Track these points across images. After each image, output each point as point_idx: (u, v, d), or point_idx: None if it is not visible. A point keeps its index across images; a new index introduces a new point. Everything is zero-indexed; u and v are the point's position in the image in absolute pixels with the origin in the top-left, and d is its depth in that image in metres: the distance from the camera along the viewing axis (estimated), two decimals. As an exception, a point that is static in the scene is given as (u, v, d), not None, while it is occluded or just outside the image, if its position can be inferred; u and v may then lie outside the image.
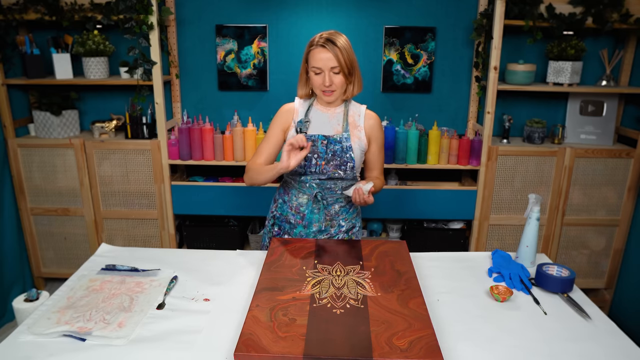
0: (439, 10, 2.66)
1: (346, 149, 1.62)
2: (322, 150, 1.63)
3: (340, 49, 1.54)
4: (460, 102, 2.80)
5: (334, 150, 1.62)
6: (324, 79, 1.56)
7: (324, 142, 1.63)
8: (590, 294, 2.75)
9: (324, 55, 1.54)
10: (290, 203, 1.72)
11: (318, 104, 1.69)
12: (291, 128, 1.67)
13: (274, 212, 1.79)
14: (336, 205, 1.71)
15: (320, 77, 1.57)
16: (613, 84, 2.61)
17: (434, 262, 1.53)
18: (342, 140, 1.63)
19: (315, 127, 1.66)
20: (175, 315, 1.22)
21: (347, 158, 1.63)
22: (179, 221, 2.88)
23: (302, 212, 1.70)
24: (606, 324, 1.21)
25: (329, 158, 1.63)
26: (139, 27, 2.38)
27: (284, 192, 1.76)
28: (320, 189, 1.67)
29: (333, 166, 1.63)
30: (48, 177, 2.67)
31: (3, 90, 2.55)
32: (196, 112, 2.86)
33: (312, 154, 1.63)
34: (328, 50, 1.53)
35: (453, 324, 1.19)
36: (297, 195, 1.70)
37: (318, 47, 1.54)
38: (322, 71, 1.56)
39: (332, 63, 1.54)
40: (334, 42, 1.54)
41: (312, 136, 1.62)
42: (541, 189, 2.62)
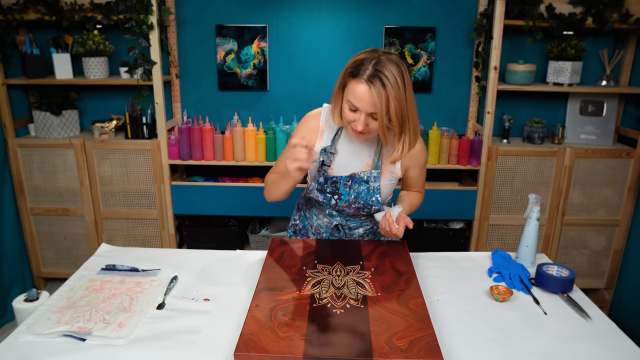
0: (439, 10, 2.66)
1: (373, 191, 1.42)
2: (345, 192, 1.43)
3: (389, 95, 1.20)
4: (460, 102, 2.80)
5: (358, 191, 1.42)
6: (359, 122, 1.27)
7: (347, 184, 1.42)
8: (590, 294, 2.74)
9: (365, 98, 1.22)
10: (311, 221, 1.59)
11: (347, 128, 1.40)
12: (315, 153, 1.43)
13: (297, 221, 1.66)
14: (360, 229, 1.56)
15: (354, 115, 1.28)
16: (613, 84, 2.61)
17: (434, 262, 1.53)
18: (369, 179, 1.41)
19: (342, 159, 1.43)
20: (175, 315, 1.22)
21: (372, 202, 1.43)
22: (179, 221, 2.88)
23: (321, 233, 1.58)
24: (606, 324, 1.21)
25: (351, 200, 1.43)
26: (139, 27, 2.38)
27: (305, 206, 1.61)
28: (342, 217, 1.53)
29: (354, 209, 1.46)
30: (48, 177, 2.67)
31: (3, 90, 2.55)
32: (196, 112, 2.86)
33: (331, 194, 1.44)
34: (371, 92, 1.21)
35: (453, 324, 1.19)
36: (318, 215, 1.56)
37: (362, 81, 1.22)
38: (359, 110, 1.26)
39: (371, 108, 1.23)
40: (383, 80, 1.20)
41: (335, 177, 1.42)
42: (541, 189, 2.62)
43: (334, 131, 1.45)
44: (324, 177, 1.45)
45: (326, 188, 1.46)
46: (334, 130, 1.45)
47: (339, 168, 1.46)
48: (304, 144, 1.24)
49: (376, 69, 1.21)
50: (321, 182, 1.46)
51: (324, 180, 1.45)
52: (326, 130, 1.45)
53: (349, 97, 1.27)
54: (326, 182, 1.45)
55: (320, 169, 1.45)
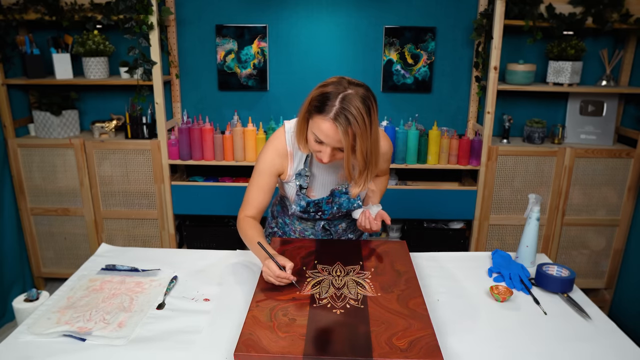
0: (439, 10, 2.66)
1: (353, 199, 1.47)
2: (327, 208, 1.48)
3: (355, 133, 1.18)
4: (460, 102, 2.80)
5: (339, 203, 1.47)
6: (324, 153, 1.26)
7: (328, 201, 1.46)
8: (590, 294, 2.75)
9: (331, 133, 1.20)
10: (293, 226, 1.60)
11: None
12: (290, 176, 1.43)
13: (274, 228, 1.67)
14: (343, 224, 1.60)
15: (320, 147, 1.26)
16: (613, 84, 2.60)
17: (434, 262, 1.53)
18: (347, 190, 1.45)
19: (318, 179, 1.44)
20: (175, 315, 1.22)
21: (354, 207, 1.48)
22: (179, 221, 2.88)
23: (307, 236, 1.60)
24: (606, 324, 1.21)
25: (334, 212, 1.49)
26: (139, 27, 2.38)
27: (283, 213, 1.61)
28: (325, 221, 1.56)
29: (339, 217, 1.54)
30: (48, 177, 2.66)
31: (3, 90, 2.55)
32: (196, 112, 2.86)
33: (315, 212, 1.47)
34: (337, 131, 1.19)
35: (453, 324, 1.19)
36: (300, 220, 1.58)
37: (327, 119, 1.18)
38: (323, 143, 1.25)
39: (337, 144, 1.22)
40: (349, 119, 1.17)
41: (316, 200, 1.45)
42: (541, 189, 2.62)
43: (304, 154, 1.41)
44: (305, 201, 1.46)
45: (309, 209, 1.48)
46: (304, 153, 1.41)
47: (317, 188, 1.47)
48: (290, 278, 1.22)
49: (342, 107, 1.17)
50: (303, 205, 1.47)
51: (305, 204, 1.47)
52: (295, 152, 1.41)
53: (315, 131, 1.23)
54: (308, 205, 1.47)
55: (299, 192, 1.44)
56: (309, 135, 1.28)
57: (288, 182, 1.46)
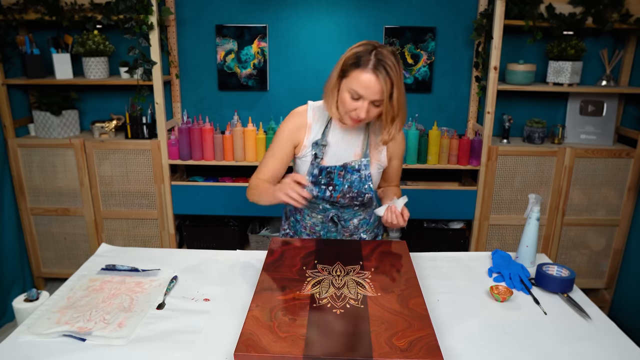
0: (439, 10, 2.66)
1: (365, 179, 1.47)
2: (339, 182, 1.47)
3: (393, 81, 1.28)
4: (460, 102, 2.80)
5: (351, 180, 1.47)
6: (361, 110, 1.32)
7: (340, 173, 1.46)
8: (590, 294, 2.74)
9: (371, 86, 1.28)
10: (304, 222, 1.60)
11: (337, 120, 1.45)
12: (304, 147, 1.47)
13: (286, 230, 1.67)
14: (355, 220, 1.59)
15: (357, 104, 1.32)
16: (613, 84, 2.60)
17: (434, 262, 1.53)
18: (360, 167, 1.46)
19: (333, 151, 1.47)
20: (175, 315, 1.22)
21: (365, 190, 1.48)
22: (179, 221, 2.88)
23: (317, 232, 1.59)
24: (606, 324, 1.21)
25: (345, 190, 1.47)
26: (139, 27, 2.38)
27: (295, 210, 1.62)
28: (336, 209, 1.55)
29: (349, 199, 1.49)
30: (48, 177, 2.66)
31: (3, 90, 2.55)
32: (196, 112, 2.86)
33: (325, 185, 1.47)
34: (378, 80, 1.27)
35: (453, 324, 1.19)
36: (310, 214, 1.58)
37: (367, 70, 1.28)
38: (362, 99, 1.31)
39: (376, 96, 1.30)
40: (387, 69, 1.27)
41: (329, 167, 1.46)
42: (541, 189, 2.62)
43: (322, 125, 1.48)
44: (317, 168, 1.47)
45: (321, 180, 1.48)
46: (322, 124, 1.48)
47: (330, 160, 1.49)
48: (298, 182, 1.29)
49: (379, 59, 1.28)
50: (315, 174, 1.48)
51: (318, 172, 1.48)
52: (314, 124, 1.48)
53: (353, 86, 1.31)
54: (320, 173, 1.48)
55: (313, 161, 1.48)
56: (343, 96, 1.35)
57: (302, 157, 1.49)
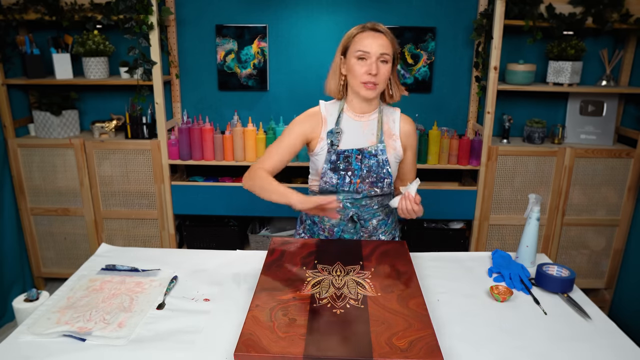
0: (439, 10, 2.66)
1: (382, 163, 1.49)
2: (357, 167, 1.48)
3: (392, 37, 1.44)
4: (460, 102, 2.80)
5: (369, 165, 1.48)
6: (371, 66, 1.39)
7: (358, 157, 1.48)
8: (590, 294, 2.74)
9: (375, 40, 1.40)
10: (322, 224, 1.59)
11: (349, 110, 1.51)
12: (321, 140, 1.50)
13: (302, 234, 1.66)
14: (374, 220, 1.58)
15: (366, 64, 1.40)
16: (613, 84, 2.60)
17: (434, 262, 1.53)
18: (377, 152, 1.48)
19: (348, 138, 1.50)
20: (175, 315, 1.22)
21: (383, 174, 1.49)
22: (179, 221, 2.88)
23: (335, 232, 1.58)
24: (606, 324, 1.21)
25: (364, 175, 1.48)
26: (139, 27, 2.38)
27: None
28: (356, 207, 1.54)
29: (369, 184, 1.50)
30: (48, 177, 2.67)
31: (3, 90, 2.55)
32: (196, 112, 2.86)
33: (345, 171, 1.48)
34: (380, 35, 1.41)
35: (453, 324, 1.19)
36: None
37: (367, 30, 1.42)
38: (369, 57, 1.40)
39: (383, 49, 1.40)
40: (383, 29, 1.43)
41: (346, 151, 1.48)
42: (541, 189, 2.62)
43: (335, 116, 1.52)
44: (335, 154, 1.49)
45: (339, 165, 1.49)
46: (335, 116, 1.52)
47: (347, 145, 1.51)
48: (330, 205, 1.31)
49: (374, 23, 1.43)
50: (333, 159, 1.49)
51: (335, 157, 1.49)
52: (328, 117, 1.52)
53: (358, 47, 1.41)
54: (338, 158, 1.49)
55: (330, 149, 1.50)
56: (351, 66, 1.43)
57: (319, 151, 1.51)
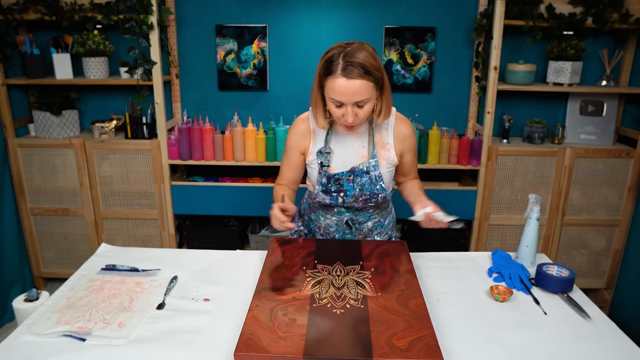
0: (439, 10, 2.66)
1: (375, 180, 1.45)
2: (349, 187, 1.46)
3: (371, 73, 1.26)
4: (460, 102, 2.80)
5: (361, 183, 1.45)
6: (347, 114, 1.30)
7: (349, 178, 1.45)
8: (590, 294, 2.75)
9: (348, 89, 1.25)
10: (318, 223, 1.60)
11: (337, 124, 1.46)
12: (311, 154, 1.49)
13: (300, 227, 1.68)
14: (369, 223, 1.58)
15: (341, 110, 1.31)
16: (613, 84, 2.60)
17: (434, 262, 1.53)
18: (369, 169, 1.44)
19: (338, 157, 1.46)
20: (175, 315, 1.22)
21: (377, 190, 1.46)
22: (179, 221, 2.88)
23: (331, 232, 1.59)
24: (606, 324, 1.21)
25: (357, 194, 1.47)
26: (139, 27, 2.38)
27: (309, 209, 1.63)
28: (350, 212, 1.54)
29: (362, 202, 1.49)
30: (48, 177, 2.66)
31: (3, 90, 2.55)
32: (196, 112, 2.86)
33: (337, 192, 1.47)
34: (352, 82, 1.25)
35: (453, 324, 1.19)
36: (325, 216, 1.58)
37: (338, 76, 1.25)
38: (344, 105, 1.30)
39: (357, 97, 1.27)
40: (361, 66, 1.24)
41: (336, 174, 1.45)
42: (541, 189, 2.62)
43: (325, 131, 1.48)
44: (326, 177, 1.48)
45: (330, 188, 1.49)
46: (325, 130, 1.48)
47: (337, 165, 1.49)
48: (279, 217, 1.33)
49: (347, 61, 1.25)
50: (324, 182, 1.49)
51: (326, 180, 1.48)
52: (317, 130, 1.49)
53: (331, 95, 1.30)
54: (329, 181, 1.48)
55: (321, 170, 1.48)
56: (329, 106, 1.35)
57: (310, 164, 1.51)
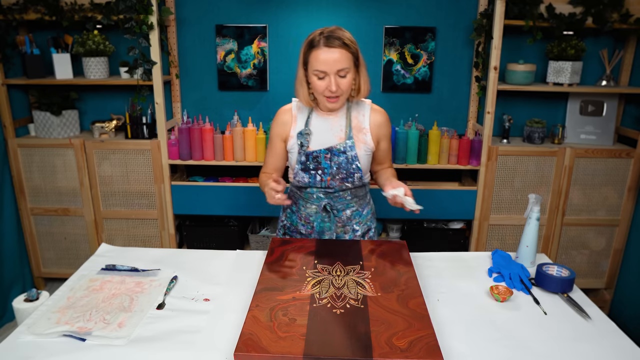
0: (439, 10, 2.66)
1: (352, 159, 1.52)
2: (327, 165, 1.53)
3: (349, 45, 1.39)
4: (460, 102, 2.80)
5: (338, 162, 1.53)
6: (330, 83, 1.40)
7: (327, 156, 1.52)
8: (590, 294, 2.75)
9: (330, 57, 1.37)
10: (299, 213, 1.66)
11: (318, 109, 1.56)
12: (291, 138, 1.57)
13: (284, 221, 1.73)
14: (347, 211, 1.63)
15: (325, 81, 1.41)
16: (613, 84, 2.60)
17: (434, 262, 1.53)
18: (346, 149, 1.52)
19: (317, 137, 1.54)
20: (175, 315, 1.22)
21: (353, 169, 1.53)
22: (179, 221, 2.88)
23: (311, 222, 1.64)
24: (606, 324, 1.21)
25: (334, 172, 1.53)
26: (139, 27, 2.38)
27: (291, 201, 1.68)
28: (329, 199, 1.60)
29: (339, 180, 1.55)
30: (48, 177, 2.66)
31: (3, 90, 2.55)
32: (196, 112, 2.86)
33: (315, 170, 1.54)
34: (334, 50, 1.37)
35: (453, 324, 1.19)
36: (305, 205, 1.64)
37: (322, 47, 1.38)
38: (326, 75, 1.40)
39: (338, 65, 1.38)
40: (339, 38, 1.37)
41: (314, 152, 1.53)
42: (541, 189, 2.62)
43: (305, 115, 1.58)
44: (305, 155, 1.55)
45: (309, 165, 1.56)
46: (305, 115, 1.58)
47: (315, 146, 1.56)
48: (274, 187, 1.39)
49: (327, 36, 1.39)
50: (303, 160, 1.55)
51: (305, 158, 1.55)
52: (298, 115, 1.58)
53: (315, 66, 1.41)
54: (308, 159, 1.55)
55: (300, 150, 1.55)
56: (313, 83, 1.44)
57: (291, 149, 1.58)
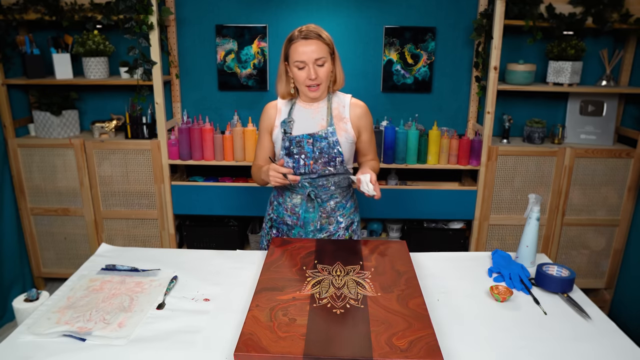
0: (439, 10, 2.66)
1: (333, 144, 1.60)
2: (309, 150, 1.61)
3: (324, 38, 1.53)
4: (460, 102, 2.80)
5: (320, 147, 1.60)
6: (309, 72, 1.52)
7: (309, 141, 1.60)
8: (590, 294, 2.75)
9: (308, 48, 1.50)
10: (285, 205, 1.72)
11: (301, 100, 1.66)
12: (275, 127, 1.66)
13: (270, 214, 1.79)
14: (331, 202, 1.69)
15: (305, 71, 1.53)
16: (613, 84, 2.60)
17: (434, 262, 1.53)
18: (327, 135, 1.60)
19: (300, 125, 1.63)
20: (175, 315, 1.22)
21: (335, 153, 1.61)
22: (179, 221, 2.88)
23: (297, 212, 1.69)
24: (606, 324, 1.21)
25: (316, 156, 1.61)
26: (139, 27, 2.38)
27: (278, 194, 1.76)
28: (313, 187, 1.66)
29: (322, 164, 1.62)
30: (48, 177, 2.66)
31: (3, 90, 2.55)
32: (196, 112, 2.86)
33: (299, 154, 1.62)
34: (311, 42, 1.51)
35: (453, 324, 1.19)
36: (291, 196, 1.70)
37: (300, 40, 1.51)
38: (305, 65, 1.52)
39: (316, 55, 1.51)
40: (314, 31, 1.53)
41: (297, 137, 1.60)
42: (541, 189, 2.62)
43: (288, 107, 1.67)
44: (288, 140, 1.62)
45: (292, 150, 1.62)
46: (288, 106, 1.67)
47: (298, 132, 1.64)
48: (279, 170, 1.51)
49: (304, 31, 1.52)
50: (287, 146, 1.62)
51: (289, 143, 1.62)
52: (283, 107, 1.68)
53: (294, 58, 1.52)
54: (291, 144, 1.62)
55: (284, 137, 1.63)
56: (294, 72, 1.56)
57: (276, 139, 1.67)
